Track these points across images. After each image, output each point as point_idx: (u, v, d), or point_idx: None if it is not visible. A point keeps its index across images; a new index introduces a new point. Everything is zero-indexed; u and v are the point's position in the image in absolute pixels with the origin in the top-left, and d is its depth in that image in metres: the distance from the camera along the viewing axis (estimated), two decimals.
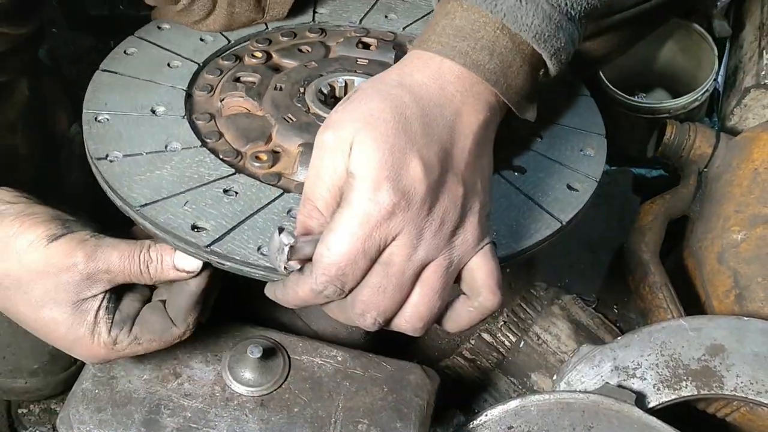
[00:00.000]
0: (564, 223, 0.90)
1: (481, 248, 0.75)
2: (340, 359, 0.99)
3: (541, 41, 0.78)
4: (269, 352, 0.96)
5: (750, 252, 1.13)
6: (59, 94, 1.26)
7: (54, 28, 1.50)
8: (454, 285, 0.76)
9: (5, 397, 1.20)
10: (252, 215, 0.84)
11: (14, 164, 1.11)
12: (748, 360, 1.00)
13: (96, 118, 0.94)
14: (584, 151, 0.99)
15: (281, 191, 0.87)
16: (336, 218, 0.70)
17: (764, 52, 1.42)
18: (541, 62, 0.82)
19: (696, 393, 1.00)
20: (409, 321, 0.75)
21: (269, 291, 0.79)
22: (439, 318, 0.78)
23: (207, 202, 0.85)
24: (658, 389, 1.00)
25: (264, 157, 0.91)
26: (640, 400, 0.97)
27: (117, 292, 0.86)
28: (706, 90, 1.53)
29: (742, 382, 0.99)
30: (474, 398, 1.16)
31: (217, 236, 0.82)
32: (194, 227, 0.82)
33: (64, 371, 1.17)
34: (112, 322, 0.85)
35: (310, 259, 0.72)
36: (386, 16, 1.16)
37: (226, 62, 1.06)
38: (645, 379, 1.00)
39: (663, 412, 0.98)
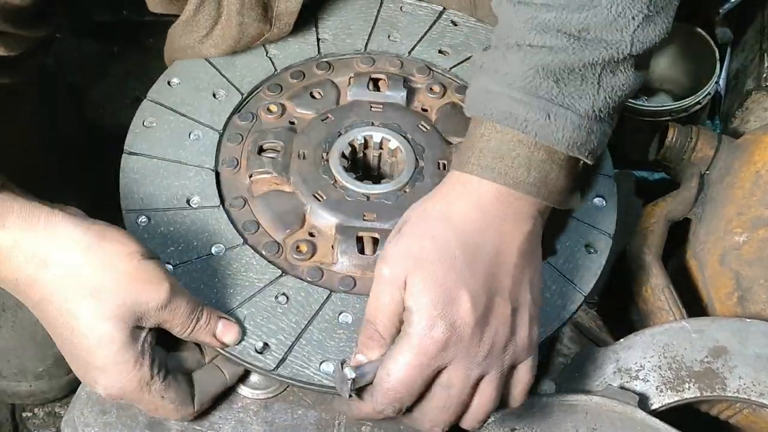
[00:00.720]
0: (586, 295, 0.95)
1: (528, 358, 0.84)
2: None
3: (574, 149, 0.83)
4: None
5: (752, 254, 1.13)
6: (66, 100, 1.27)
7: (58, 33, 1.51)
8: None
9: (10, 400, 1.21)
10: (307, 326, 0.89)
11: (24, 166, 1.12)
12: (750, 362, 1.00)
13: (137, 221, 0.96)
14: (596, 200, 1.02)
15: (328, 292, 0.92)
16: (396, 348, 0.79)
17: (765, 55, 1.42)
18: (578, 159, 0.86)
19: (699, 395, 1.00)
20: (469, 424, 0.85)
21: (337, 405, 0.89)
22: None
23: (263, 314, 0.90)
24: (661, 391, 1.00)
25: (304, 248, 0.94)
26: (642, 401, 0.97)
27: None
28: (708, 93, 1.53)
29: (744, 384, 0.99)
30: None
31: (280, 357, 0.87)
32: (258, 350, 0.87)
33: (68, 374, 1.18)
34: (153, 361, 0.84)
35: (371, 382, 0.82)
36: (389, 37, 1.15)
37: (243, 123, 1.06)
38: (648, 381, 1.00)
39: (666, 414, 0.99)
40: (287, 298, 0.91)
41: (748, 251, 1.14)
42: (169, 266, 0.91)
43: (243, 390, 0.95)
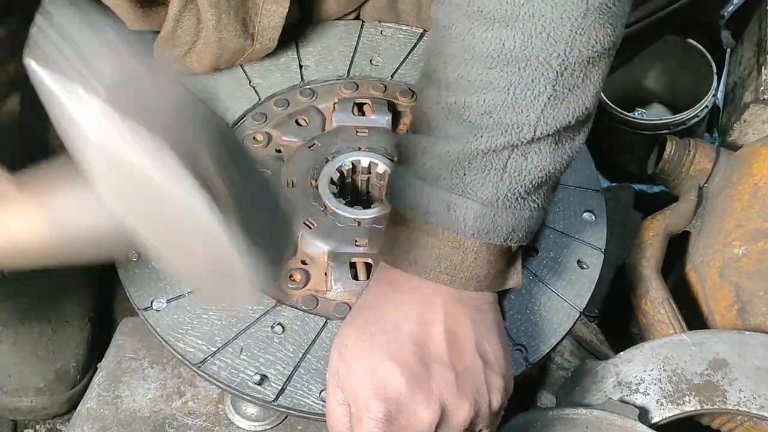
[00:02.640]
0: (581, 311, 0.94)
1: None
2: None
3: (482, 236, 0.79)
4: None
5: (751, 266, 1.13)
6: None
7: None
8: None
9: (11, 416, 1.21)
10: (305, 355, 0.89)
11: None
12: (750, 374, 1.00)
13: (128, 257, 0.95)
14: (585, 215, 1.02)
15: (323, 320, 0.91)
16: None
17: (763, 67, 1.43)
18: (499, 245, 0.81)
19: (699, 408, 1.00)
20: None
21: None
22: None
23: (259, 345, 0.89)
24: (661, 404, 1.00)
25: (297, 276, 0.93)
26: (643, 415, 0.97)
27: None
28: (706, 106, 1.54)
29: (744, 397, 0.99)
30: None
31: (279, 387, 0.86)
32: (256, 383, 0.86)
33: (69, 390, 1.18)
34: None
35: None
36: (371, 61, 1.15)
37: None
38: (648, 394, 1.00)
39: (666, 428, 0.99)
40: (283, 328, 0.90)
41: (747, 264, 1.14)
42: (162, 301, 0.92)
43: (241, 422, 0.95)
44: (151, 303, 0.91)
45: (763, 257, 1.13)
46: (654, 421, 0.99)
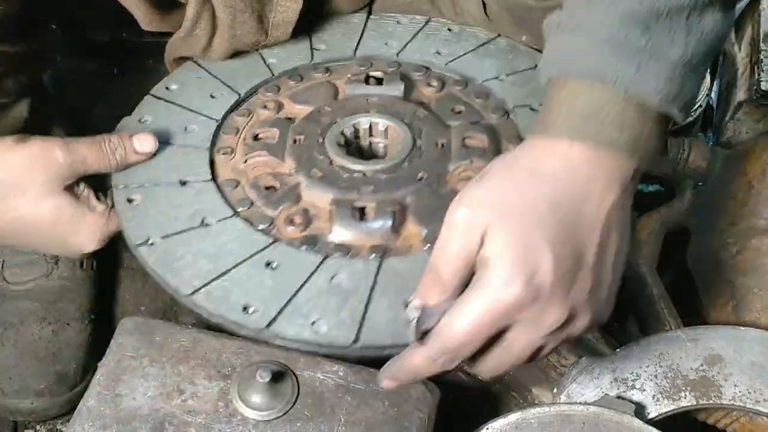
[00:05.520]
0: None
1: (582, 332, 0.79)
2: (341, 374, 1.00)
3: (668, 102, 0.77)
4: (278, 376, 0.97)
5: (746, 264, 1.14)
6: (62, 119, 1.28)
7: (57, 55, 1.54)
8: None
9: (11, 417, 1.21)
10: (299, 290, 0.86)
11: None
12: (745, 369, 1.01)
13: (128, 199, 0.98)
14: None
15: (321, 257, 0.89)
16: (465, 297, 0.74)
17: (756, 67, 1.44)
18: (668, 117, 0.80)
19: (695, 403, 1.00)
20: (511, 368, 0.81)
21: (385, 371, 0.82)
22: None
23: (252, 280, 0.87)
24: (658, 400, 1.01)
25: (298, 220, 0.92)
26: (639, 411, 0.98)
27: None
28: (700, 105, 1.55)
29: (740, 392, 1.00)
30: (475, 412, 1.17)
31: (272, 316, 0.84)
32: (245, 308, 0.85)
33: (70, 391, 1.18)
34: (96, 197, 0.99)
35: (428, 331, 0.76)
36: (385, 44, 1.18)
37: (240, 118, 1.07)
38: (644, 390, 1.01)
39: (663, 423, 0.99)
40: (278, 264, 0.88)
41: (742, 261, 1.15)
42: (156, 237, 0.93)
43: (246, 411, 0.95)
44: (147, 240, 0.92)
45: (758, 254, 1.14)
46: (650, 416, 0.99)
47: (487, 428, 0.97)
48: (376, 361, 1.06)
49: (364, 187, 0.94)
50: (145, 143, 1.00)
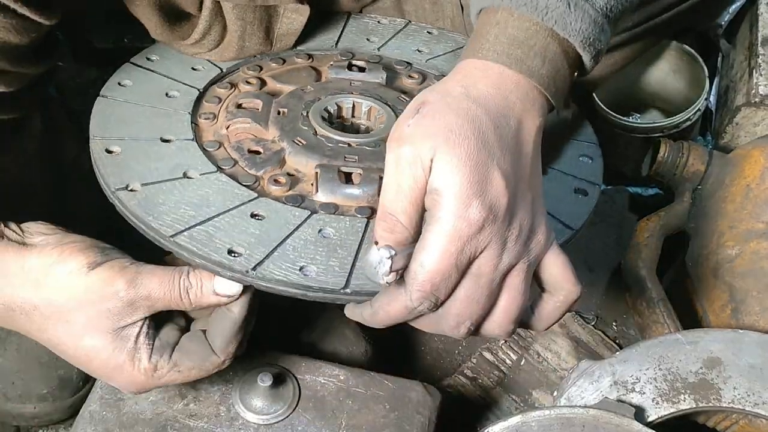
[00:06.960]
0: (576, 229, 0.93)
1: (551, 245, 0.79)
2: (342, 378, 1.00)
3: (586, 45, 0.80)
4: (279, 380, 0.97)
5: (744, 266, 1.15)
6: (67, 124, 1.29)
7: (61, 61, 1.54)
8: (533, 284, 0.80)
9: (14, 422, 1.22)
10: (286, 238, 0.84)
11: (32, 196, 1.13)
12: (744, 372, 1.02)
13: (107, 149, 0.94)
14: (581, 158, 1.03)
15: (308, 212, 0.88)
16: (427, 235, 0.72)
17: (754, 71, 1.45)
18: (579, 63, 0.83)
19: (694, 406, 1.01)
20: (500, 324, 0.79)
21: (353, 313, 0.81)
22: (525, 320, 0.82)
23: (237, 228, 0.85)
24: (657, 403, 1.01)
25: (282, 180, 0.91)
26: (639, 414, 0.98)
27: (156, 320, 0.86)
28: (698, 109, 1.55)
29: (739, 394, 1.00)
30: (476, 416, 1.18)
31: (259, 260, 0.81)
32: (231, 252, 0.82)
33: (72, 396, 1.18)
34: (152, 349, 0.85)
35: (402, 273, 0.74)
36: (368, 39, 1.19)
37: (222, 90, 1.07)
38: (644, 393, 1.01)
39: (662, 426, 1.00)
40: (264, 216, 0.86)
41: (740, 264, 1.15)
42: (137, 184, 0.89)
43: (248, 415, 0.96)
44: (126, 186, 0.89)
45: (756, 257, 1.14)
46: (650, 419, 1.00)
47: (488, 431, 0.98)
48: (377, 365, 1.07)
49: (349, 156, 0.94)
50: (226, 286, 0.85)
